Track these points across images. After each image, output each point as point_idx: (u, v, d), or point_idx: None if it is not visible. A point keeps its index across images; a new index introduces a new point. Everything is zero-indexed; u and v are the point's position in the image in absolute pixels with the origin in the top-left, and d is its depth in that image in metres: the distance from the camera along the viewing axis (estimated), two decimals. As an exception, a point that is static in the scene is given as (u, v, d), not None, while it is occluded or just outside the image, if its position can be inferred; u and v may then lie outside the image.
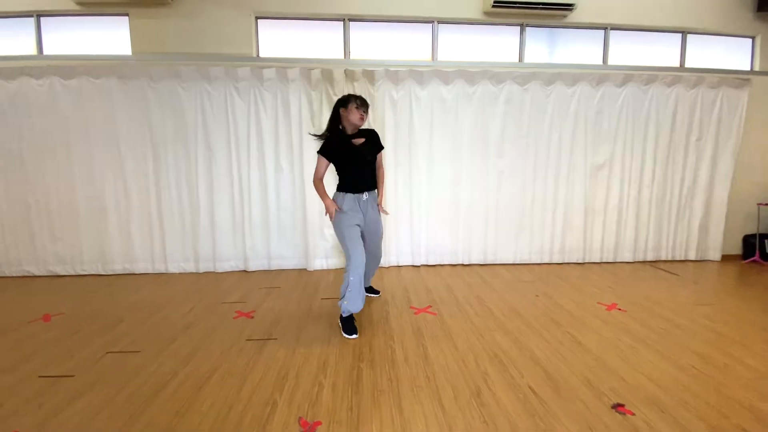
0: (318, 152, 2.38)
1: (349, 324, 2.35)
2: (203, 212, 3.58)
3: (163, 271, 3.65)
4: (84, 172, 3.50)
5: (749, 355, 2.14)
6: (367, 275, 2.71)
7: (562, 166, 3.82)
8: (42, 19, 3.51)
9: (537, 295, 3.03)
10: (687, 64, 3.98)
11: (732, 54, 4.06)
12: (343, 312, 2.34)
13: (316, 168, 2.39)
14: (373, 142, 2.44)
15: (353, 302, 2.31)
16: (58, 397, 1.74)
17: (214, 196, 3.57)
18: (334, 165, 2.40)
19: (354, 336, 2.29)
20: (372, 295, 2.94)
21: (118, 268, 3.64)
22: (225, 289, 3.20)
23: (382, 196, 2.51)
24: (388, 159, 3.59)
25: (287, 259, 3.72)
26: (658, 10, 3.81)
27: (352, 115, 2.30)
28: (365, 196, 2.40)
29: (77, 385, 1.83)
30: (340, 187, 2.40)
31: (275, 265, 3.70)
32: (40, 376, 1.91)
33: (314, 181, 2.39)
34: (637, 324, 2.54)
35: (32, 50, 3.55)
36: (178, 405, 1.68)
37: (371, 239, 2.52)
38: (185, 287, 3.27)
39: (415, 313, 2.66)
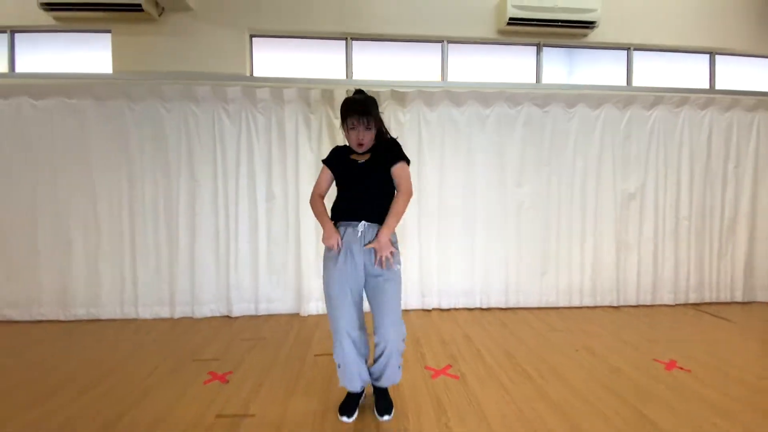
0: (323, 161, 1.85)
1: (345, 401, 1.79)
2: (182, 248, 3.11)
3: (134, 317, 3.13)
4: (48, 203, 3.07)
5: None
6: (376, 368, 1.74)
7: (589, 195, 3.41)
8: (16, 35, 3.22)
9: (577, 350, 2.51)
10: (718, 86, 3.68)
11: (766, 75, 3.77)
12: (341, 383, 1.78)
13: (317, 180, 1.84)
14: (382, 156, 1.73)
15: (346, 380, 1.73)
16: None
17: (196, 230, 3.12)
18: (335, 181, 1.82)
19: (345, 419, 1.71)
20: (381, 418, 1.75)
21: (81, 312, 3.12)
22: (201, 340, 2.68)
23: (387, 228, 1.64)
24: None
25: (277, 303, 3.21)
26: (683, 30, 3.56)
27: (349, 139, 1.75)
28: (361, 227, 1.67)
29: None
30: (332, 212, 1.78)
31: (263, 309, 3.19)
32: None
33: (312, 197, 1.82)
34: (710, 390, 2.02)
35: (4, 68, 3.23)
36: None
37: (379, 304, 1.66)
38: (155, 337, 2.75)
39: (432, 377, 2.14)
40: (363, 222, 1.67)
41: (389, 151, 1.75)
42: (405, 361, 2.31)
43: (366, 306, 1.76)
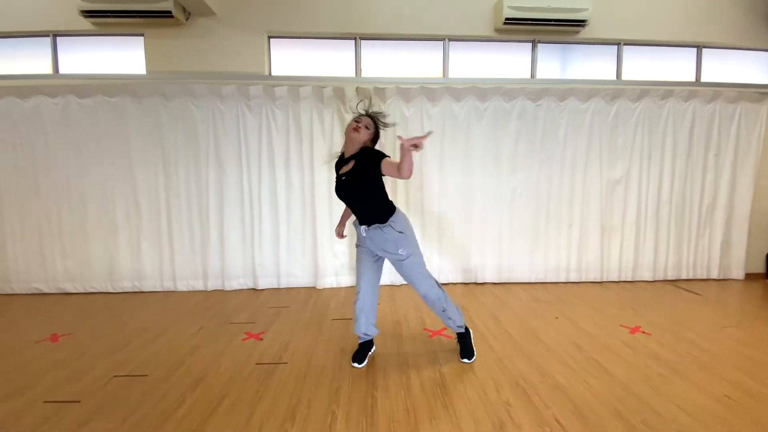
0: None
1: (356, 350, 2.26)
2: (213, 230, 3.55)
3: (172, 289, 3.61)
4: (95, 190, 3.50)
5: (789, 384, 2.01)
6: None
7: (577, 182, 3.74)
8: (58, 39, 3.58)
9: (556, 317, 2.92)
10: (703, 79, 3.92)
11: (750, 68, 3.99)
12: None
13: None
14: (363, 161, 1.93)
15: (354, 326, 2.20)
16: (63, 424, 1.67)
17: (224, 214, 3.54)
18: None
19: (356, 365, 2.16)
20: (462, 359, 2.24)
21: (127, 285, 3.60)
22: (233, 308, 3.14)
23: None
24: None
25: (297, 277, 3.66)
26: (672, 25, 3.78)
27: (347, 128, 2.03)
28: (363, 231, 2.08)
29: (83, 411, 1.77)
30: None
31: (284, 283, 3.64)
32: (45, 402, 1.85)
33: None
34: (663, 349, 2.42)
35: (48, 69, 3.62)
36: (186, 436, 1.60)
37: (397, 268, 2.13)
38: (193, 306, 3.21)
39: (430, 336, 2.57)
40: (363, 227, 2.09)
41: (370, 156, 1.92)
42: (407, 324, 2.75)
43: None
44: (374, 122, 2.08)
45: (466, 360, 2.22)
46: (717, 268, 3.99)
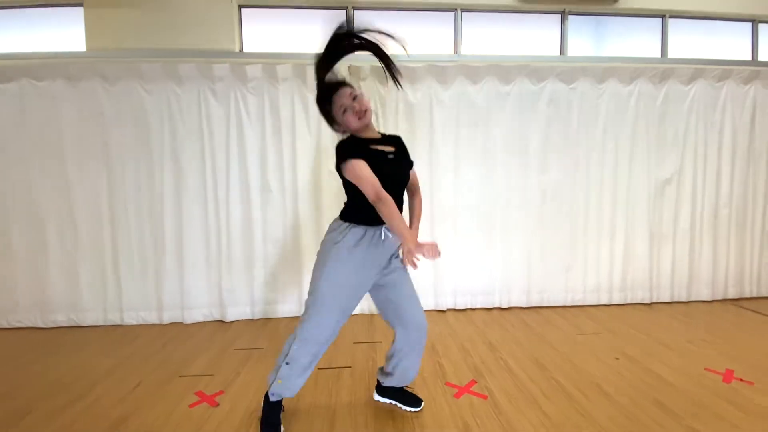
0: (345, 159, 1.38)
1: (274, 416, 1.55)
2: (169, 247, 2.80)
3: (118, 323, 2.84)
4: (20, 199, 2.76)
5: None
6: (408, 366, 1.62)
7: (620, 181, 3.06)
8: (-24, 11, 2.87)
9: (617, 358, 2.20)
10: (761, 58, 3.30)
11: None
12: (272, 396, 1.54)
13: (366, 176, 1.35)
14: (403, 153, 1.55)
15: (291, 382, 1.51)
16: None
17: (184, 226, 2.80)
18: (348, 183, 1.48)
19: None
20: (409, 409, 1.70)
21: (61, 319, 2.84)
22: (189, 350, 2.39)
23: (416, 230, 1.58)
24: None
25: (276, 305, 2.91)
26: (725, -6, 3.17)
27: (348, 123, 1.43)
28: (387, 232, 1.49)
29: None
30: (349, 215, 1.50)
31: (260, 312, 2.89)
32: None
33: (381, 196, 1.34)
34: (780, 406, 1.71)
35: (-36, 49, 2.89)
36: None
37: (409, 302, 1.57)
38: (139, 347, 2.46)
39: (456, 395, 1.84)
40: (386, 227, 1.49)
41: (406, 152, 1.58)
42: (421, 374, 2.02)
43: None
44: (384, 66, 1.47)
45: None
46: (784, 284, 3.32)
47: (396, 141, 1.57)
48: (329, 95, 1.43)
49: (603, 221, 3.07)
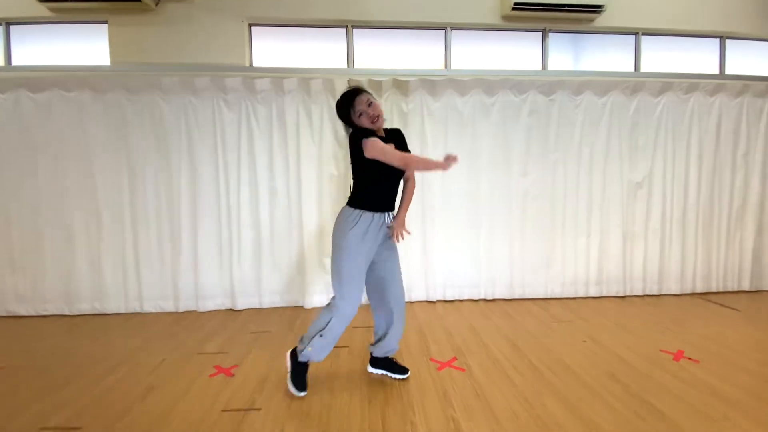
0: (361, 138, 1.65)
1: (301, 375, 1.87)
2: (185, 242, 3.10)
3: (138, 311, 3.13)
4: (51, 197, 3.05)
5: None
6: (392, 336, 1.94)
7: (596, 185, 3.36)
8: (12, 27, 3.17)
9: (584, 341, 2.49)
10: (727, 72, 3.59)
11: (777, 60, 3.68)
12: (302, 357, 1.85)
13: (385, 148, 1.64)
14: (402, 145, 1.85)
15: (321, 350, 1.83)
16: None
17: (198, 224, 3.10)
18: (358, 171, 1.77)
19: (303, 393, 1.84)
20: (397, 376, 2.00)
21: (85, 307, 3.13)
22: (206, 333, 2.68)
23: (406, 211, 1.92)
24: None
25: (281, 295, 3.20)
26: (693, 14, 3.46)
27: (364, 124, 1.72)
28: (389, 217, 1.85)
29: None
30: (360, 203, 1.77)
31: (267, 302, 3.18)
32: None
33: (403, 156, 1.67)
34: (718, 380, 2.00)
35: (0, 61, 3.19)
36: None
37: (392, 278, 1.88)
38: (159, 331, 2.75)
39: (438, 369, 2.13)
40: (390, 212, 1.85)
41: (404, 143, 1.87)
42: (409, 352, 2.31)
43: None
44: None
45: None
46: (749, 279, 3.61)
47: (396, 134, 1.87)
48: (350, 100, 1.71)
49: (580, 221, 3.36)
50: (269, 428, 1.62)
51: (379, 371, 2.03)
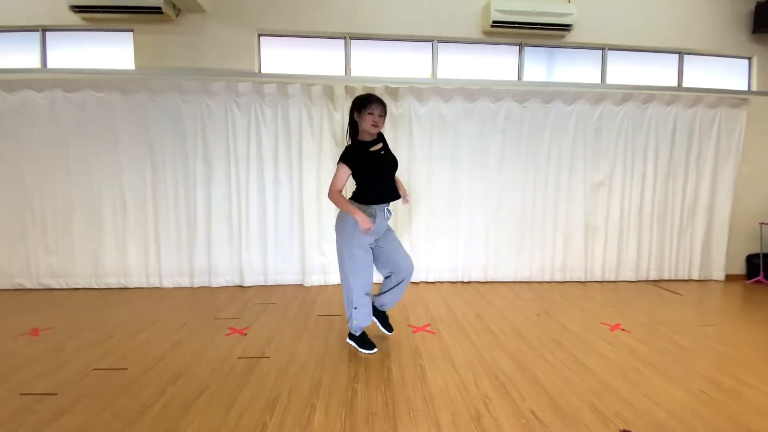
0: (340, 161, 2.10)
1: (364, 340, 2.29)
2: (200, 226, 3.54)
3: (158, 286, 3.59)
4: (82, 185, 3.48)
5: (757, 378, 2.06)
6: (391, 296, 2.36)
7: (562, 182, 3.80)
8: (47, 33, 3.56)
9: (538, 314, 2.96)
10: (685, 85, 4.02)
11: (729, 74, 4.10)
12: (355, 330, 2.28)
13: (336, 178, 2.09)
14: (387, 146, 2.25)
15: (364, 317, 2.25)
16: (38, 417, 1.66)
17: (212, 210, 3.54)
18: (354, 175, 2.15)
19: (374, 350, 2.25)
20: (383, 329, 2.45)
21: (111, 281, 3.58)
22: (219, 304, 3.13)
23: (403, 187, 2.32)
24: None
25: (284, 275, 3.66)
26: (654, 31, 3.87)
27: (364, 122, 2.09)
28: (388, 210, 2.22)
29: (60, 403, 1.76)
30: (363, 198, 2.14)
31: (272, 280, 3.64)
32: (21, 394, 1.83)
33: (332, 193, 2.10)
34: (641, 345, 2.46)
35: (37, 64, 3.59)
36: (163, 427, 1.60)
37: (396, 249, 2.28)
38: (179, 302, 3.20)
39: (413, 332, 2.59)
40: (389, 203, 2.21)
41: (387, 144, 2.26)
42: (391, 320, 2.77)
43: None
44: (386, 111, 2.17)
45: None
46: (698, 270, 4.07)
47: (381, 137, 2.23)
48: (368, 102, 2.07)
49: (547, 214, 3.81)
50: (275, 371, 2.07)
51: (374, 319, 2.38)
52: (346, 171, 2.10)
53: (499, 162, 3.74)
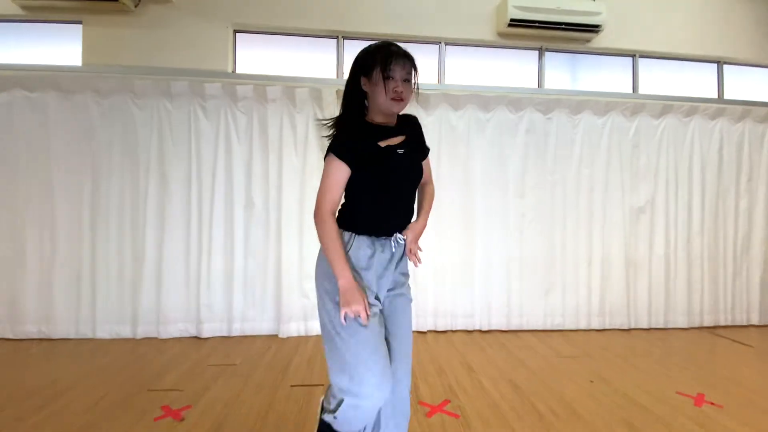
0: (329, 151, 1.15)
1: None
2: (149, 259, 2.79)
3: (90, 336, 2.77)
4: (2, 205, 2.75)
5: None
6: None
7: (596, 208, 3.17)
8: (-23, 24, 2.96)
9: (591, 381, 2.21)
10: (726, 96, 3.52)
11: (775, 86, 3.63)
12: (330, 422, 1.16)
13: (327, 186, 1.14)
14: (416, 141, 1.25)
15: (355, 420, 1.14)
16: None
17: (165, 239, 2.80)
18: (348, 181, 1.18)
19: None
20: None
21: (31, 330, 2.76)
22: (162, 365, 2.33)
23: (424, 220, 1.30)
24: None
25: (253, 322, 2.88)
26: (691, 38, 3.41)
27: (377, 93, 1.13)
28: (396, 242, 1.22)
29: None
30: (348, 224, 1.19)
31: (237, 330, 2.84)
32: None
33: (322, 215, 1.13)
34: (747, 429, 1.72)
35: (-39, 60, 2.96)
36: None
37: (400, 343, 1.23)
38: (110, 361, 2.40)
39: (428, 414, 1.82)
40: (397, 235, 1.21)
41: (421, 139, 1.27)
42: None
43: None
44: (416, 67, 1.21)
45: None
46: (758, 313, 3.39)
47: (411, 123, 1.27)
48: (388, 57, 1.14)
49: (579, 246, 3.14)
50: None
51: None
52: (341, 170, 1.13)
53: (521, 183, 3.10)
